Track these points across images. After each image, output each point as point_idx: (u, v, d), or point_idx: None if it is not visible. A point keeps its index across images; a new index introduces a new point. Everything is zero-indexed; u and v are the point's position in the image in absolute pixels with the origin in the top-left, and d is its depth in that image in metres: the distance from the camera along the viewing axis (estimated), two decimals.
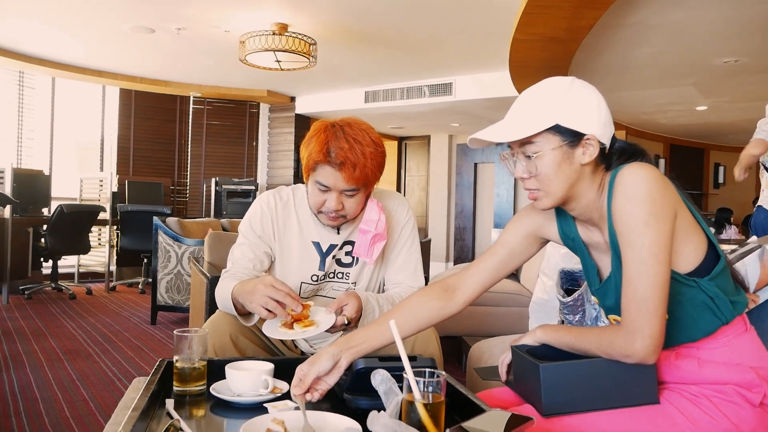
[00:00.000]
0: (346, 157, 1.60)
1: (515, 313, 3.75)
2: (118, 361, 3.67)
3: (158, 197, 7.51)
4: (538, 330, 1.33)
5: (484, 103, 7.36)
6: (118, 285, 7.00)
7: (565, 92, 1.20)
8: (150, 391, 1.24)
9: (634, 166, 1.15)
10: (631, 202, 1.12)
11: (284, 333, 1.51)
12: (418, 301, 1.44)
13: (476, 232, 10.21)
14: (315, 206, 1.71)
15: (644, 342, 1.10)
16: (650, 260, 1.10)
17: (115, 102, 7.82)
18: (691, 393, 1.18)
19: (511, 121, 1.23)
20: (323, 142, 1.62)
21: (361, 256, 1.76)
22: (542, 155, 1.19)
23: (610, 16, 4.16)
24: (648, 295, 1.10)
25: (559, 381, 1.19)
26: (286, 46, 5.09)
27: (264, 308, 1.48)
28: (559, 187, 1.21)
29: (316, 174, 1.66)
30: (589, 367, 1.19)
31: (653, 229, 1.10)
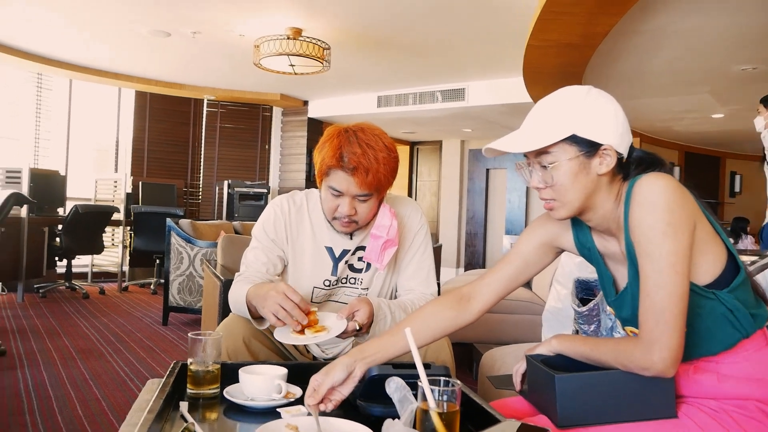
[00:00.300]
0: (359, 162, 1.60)
1: (527, 321, 3.73)
2: (130, 361, 3.69)
3: (171, 199, 7.56)
4: (553, 340, 1.32)
5: (497, 108, 7.34)
6: (130, 285, 7.05)
7: (581, 102, 1.19)
8: (165, 393, 1.24)
9: (651, 176, 1.14)
10: (649, 212, 1.10)
11: (295, 338, 1.51)
12: (433, 311, 1.43)
13: (487, 238, 10.17)
14: (328, 212, 1.71)
15: (662, 354, 1.09)
16: (668, 271, 1.08)
17: (131, 104, 7.88)
18: (711, 408, 1.16)
19: (527, 131, 1.23)
20: (336, 147, 1.63)
21: (372, 262, 1.75)
22: (558, 165, 1.18)
23: (626, 22, 4.13)
24: (666, 307, 1.09)
25: (575, 392, 1.17)
26: (300, 50, 5.12)
27: (274, 316, 1.48)
28: (576, 198, 1.20)
29: (329, 179, 1.66)
30: (605, 379, 1.18)
31: (671, 240, 1.09)
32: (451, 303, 1.43)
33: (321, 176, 1.70)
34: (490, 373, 2.28)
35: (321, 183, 1.71)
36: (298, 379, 1.49)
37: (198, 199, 8.40)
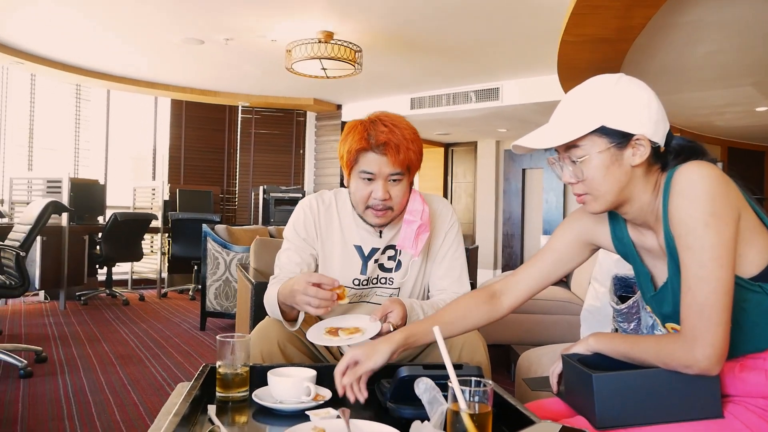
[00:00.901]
0: (388, 139, 1.60)
1: (565, 321, 3.65)
2: (167, 366, 3.73)
3: (208, 205, 7.65)
4: (590, 338, 1.26)
5: (532, 107, 7.23)
6: (169, 291, 7.15)
7: (610, 91, 1.14)
8: (192, 396, 1.23)
9: (692, 164, 1.08)
10: (690, 202, 1.05)
11: (329, 339, 1.49)
12: (467, 305, 1.42)
13: (524, 239, 10.03)
14: (361, 201, 1.67)
15: (706, 351, 1.03)
16: (711, 264, 1.03)
17: (167, 112, 8.03)
18: (759, 407, 1.10)
19: (555, 125, 1.18)
20: (362, 131, 1.62)
21: (406, 248, 1.72)
22: (588, 159, 1.14)
23: (663, 14, 4.02)
24: (710, 302, 1.03)
25: (614, 392, 1.12)
26: (331, 53, 5.12)
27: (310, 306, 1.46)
28: (609, 191, 1.15)
29: (359, 165, 1.65)
30: (646, 378, 1.13)
31: (714, 231, 1.03)
32: (482, 298, 1.42)
33: (350, 166, 1.67)
34: (527, 375, 2.22)
35: (350, 174, 1.69)
36: (327, 382, 1.46)
37: (234, 205, 8.49)
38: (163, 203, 6.88)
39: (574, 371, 1.23)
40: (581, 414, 1.21)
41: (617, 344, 1.20)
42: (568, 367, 1.27)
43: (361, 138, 1.62)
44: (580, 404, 1.23)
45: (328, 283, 1.47)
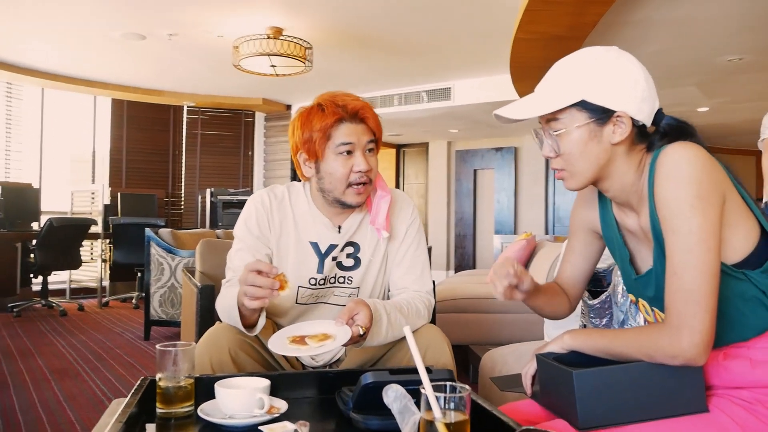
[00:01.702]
0: (362, 105, 1.56)
1: (523, 320, 3.61)
2: (108, 379, 3.50)
3: (152, 209, 7.35)
4: (565, 336, 1.19)
5: (484, 107, 7.22)
6: (111, 300, 6.81)
7: (596, 64, 1.08)
8: (127, 414, 1.08)
9: (677, 145, 1.03)
10: (675, 184, 0.99)
11: (296, 349, 1.35)
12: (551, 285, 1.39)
13: (476, 239, 10.06)
14: (343, 178, 1.56)
15: (693, 339, 0.97)
16: (698, 248, 0.97)
17: (107, 112, 7.67)
18: (743, 399, 1.04)
19: (538, 95, 1.13)
20: (330, 106, 1.55)
21: (381, 227, 1.64)
22: (567, 133, 1.09)
23: (614, 12, 4.03)
24: (696, 287, 0.97)
25: (595, 389, 1.05)
26: (281, 50, 4.96)
27: (250, 299, 1.33)
28: (586, 168, 1.10)
29: (334, 139, 1.55)
30: (628, 373, 1.06)
31: (701, 213, 0.97)
32: (558, 289, 1.39)
33: (323, 145, 1.55)
34: (491, 375, 2.13)
35: (323, 155, 1.57)
36: (282, 392, 1.33)
37: (180, 209, 8.20)
38: (103, 208, 6.57)
39: (551, 370, 1.16)
40: (560, 416, 1.13)
41: (595, 340, 1.13)
42: (544, 366, 1.18)
43: (332, 111, 1.53)
44: (558, 405, 1.15)
45: (266, 270, 1.33)
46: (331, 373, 1.43)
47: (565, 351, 1.18)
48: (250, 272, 1.33)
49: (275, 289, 1.33)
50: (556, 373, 1.13)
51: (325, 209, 1.66)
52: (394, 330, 1.53)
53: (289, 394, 1.34)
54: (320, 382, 1.39)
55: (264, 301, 1.33)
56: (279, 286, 1.34)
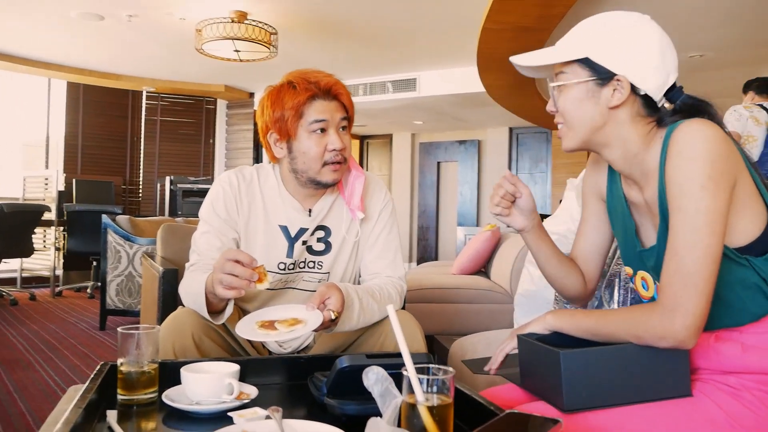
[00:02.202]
0: (334, 82, 1.50)
1: (487, 310, 3.61)
2: (61, 369, 3.37)
3: (109, 197, 7.12)
4: (548, 316, 1.17)
5: (449, 99, 7.23)
6: (64, 290, 6.58)
7: (609, 25, 1.09)
8: (86, 400, 1.01)
9: (693, 122, 1.00)
10: (688, 162, 0.97)
11: (265, 334, 1.30)
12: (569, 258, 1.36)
13: (439, 231, 10.09)
14: (318, 157, 1.51)
15: (685, 321, 0.95)
16: (704, 230, 0.95)
17: (62, 96, 7.39)
18: (730, 385, 1.02)
19: (553, 47, 1.13)
20: (302, 83, 1.49)
21: (354, 205, 1.60)
22: (566, 88, 1.10)
23: (581, 5, 4.05)
24: (696, 269, 0.95)
25: (582, 371, 1.02)
26: (245, 34, 4.85)
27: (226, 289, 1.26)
28: (580, 126, 1.10)
29: (307, 116, 1.49)
30: (616, 355, 1.04)
31: (711, 195, 0.95)
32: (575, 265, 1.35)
33: (295, 123, 1.50)
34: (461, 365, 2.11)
35: (295, 135, 1.51)
36: (251, 377, 1.28)
37: (138, 197, 7.98)
38: (57, 194, 6.33)
39: (534, 351, 1.13)
40: (542, 398, 1.11)
41: (579, 320, 1.11)
42: (527, 346, 1.16)
43: (305, 88, 1.48)
44: (541, 387, 1.12)
45: (246, 261, 1.28)
46: (302, 358, 1.38)
47: (548, 332, 1.16)
48: (228, 260, 1.27)
49: (253, 281, 1.27)
50: (540, 353, 1.10)
51: (296, 192, 1.60)
52: (366, 315, 1.49)
53: (258, 380, 1.28)
54: (291, 368, 1.35)
55: (240, 292, 1.27)
56: (257, 278, 1.28)
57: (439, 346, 3.37)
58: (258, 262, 1.30)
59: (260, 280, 1.29)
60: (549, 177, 9.13)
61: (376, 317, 1.53)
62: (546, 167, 9.21)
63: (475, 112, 8.14)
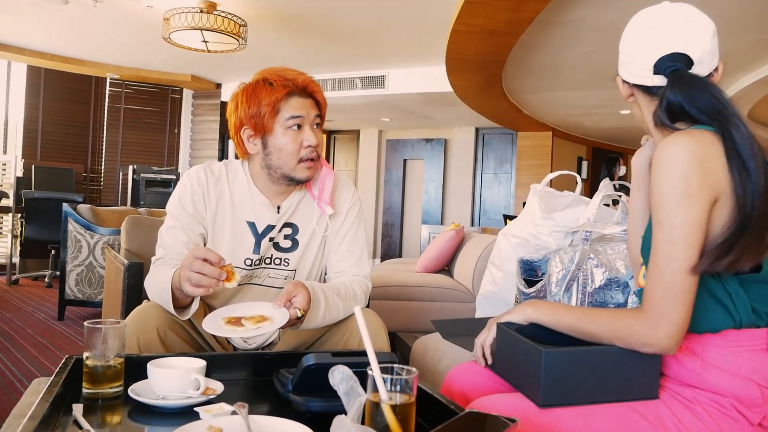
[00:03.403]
0: (309, 80, 1.55)
1: (449, 308, 3.66)
2: (18, 360, 3.31)
3: (69, 184, 6.97)
4: (528, 308, 1.20)
5: (417, 97, 7.28)
6: (21, 278, 6.43)
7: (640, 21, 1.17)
8: (53, 394, 1.02)
9: (679, 135, 1.03)
10: (665, 177, 1.01)
11: (231, 330, 1.32)
12: None
13: (404, 228, 10.15)
14: (294, 153, 1.54)
15: (669, 330, 1.00)
16: (680, 243, 0.99)
17: (22, 80, 7.20)
18: (685, 396, 1.08)
19: None
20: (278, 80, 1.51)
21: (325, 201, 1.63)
22: None
23: (550, 12, 4.13)
24: (675, 280, 1.00)
25: (562, 369, 1.06)
26: (214, 25, 4.80)
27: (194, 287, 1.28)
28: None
29: (283, 113, 1.52)
30: (597, 356, 1.08)
31: (685, 210, 1.00)
32: None
33: (271, 119, 1.52)
34: (423, 361, 2.15)
35: (271, 131, 1.54)
36: (217, 373, 1.30)
37: (99, 186, 7.83)
38: (15, 180, 6.17)
39: (515, 343, 1.16)
40: (517, 387, 1.14)
41: (561, 315, 1.15)
42: (506, 337, 1.19)
43: (282, 85, 1.51)
44: (517, 377, 1.15)
45: (214, 260, 1.30)
46: (267, 355, 1.40)
47: (526, 323, 1.20)
48: (197, 259, 1.29)
49: (222, 279, 1.29)
50: (520, 346, 1.13)
51: (265, 188, 1.62)
52: (332, 313, 1.52)
53: (223, 375, 1.30)
54: (256, 364, 1.37)
55: (208, 290, 1.29)
56: (226, 277, 1.30)
57: (402, 343, 3.41)
58: (226, 261, 1.32)
59: (228, 279, 1.31)
60: (513, 178, 9.28)
61: (342, 315, 1.56)
62: (510, 168, 9.35)
63: (443, 111, 8.21)
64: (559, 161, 9.21)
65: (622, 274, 1.63)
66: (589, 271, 1.65)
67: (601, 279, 1.62)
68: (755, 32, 4.61)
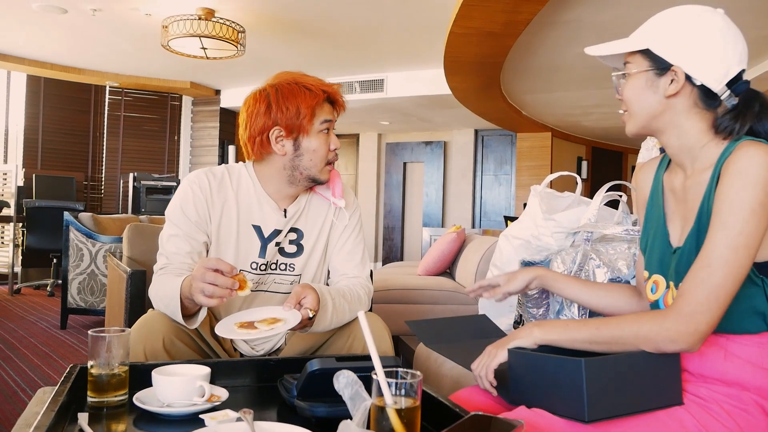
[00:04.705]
0: (338, 89, 1.64)
1: (451, 311, 3.66)
2: (21, 369, 3.31)
3: (70, 193, 6.98)
4: (534, 330, 1.16)
5: (416, 100, 7.29)
6: (23, 287, 6.44)
7: (672, 17, 1.14)
8: (58, 403, 1.02)
9: (757, 145, 1.04)
10: (746, 184, 1.01)
11: (246, 333, 1.32)
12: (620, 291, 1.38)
13: (405, 231, 10.15)
14: (324, 156, 1.62)
15: (699, 328, 1.01)
16: (742, 251, 1.00)
17: (22, 89, 7.21)
18: (701, 397, 1.07)
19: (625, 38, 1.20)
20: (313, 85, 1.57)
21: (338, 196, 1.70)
22: (629, 77, 1.17)
23: (547, 12, 4.14)
24: (725, 285, 1.00)
25: (602, 380, 1.02)
26: (212, 32, 4.81)
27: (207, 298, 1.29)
28: (640, 113, 1.16)
29: (319, 116, 1.58)
30: (628, 363, 1.06)
31: (757, 220, 1.01)
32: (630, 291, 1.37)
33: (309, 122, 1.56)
34: (426, 365, 2.15)
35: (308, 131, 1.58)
36: (222, 380, 1.30)
37: (100, 194, 7.84)
38: (16, 189, 6.18)
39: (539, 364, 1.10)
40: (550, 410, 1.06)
41: (574, 331, 1.13)
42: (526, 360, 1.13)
43: (322, 91, 1.58)
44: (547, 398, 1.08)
45: (226, 270, 1.30)
46: (272, 360, 1.40)
47: (535, 346, 1.15)
48: (209, 270, 1.29)
49: (234, 289, 1.30)
50: (549, 364, 1.08)
51: (276, 191, 1.62)
52: (339, 316, 1.52)
53: (228, 382, 1.30)
54: (261, 370, 1.37)
55: (222, 300, 1.30)
56: (239, 286, 1.31)
57: (405, 347, 3.41)
58: (237, 270, 1.33)
59: (241, 288, 1.32)
60: (513, 179, 9.28)
61: (348, 318, 1.57)
62: (510, 169, 9.36)
63: (442, 113, 8.22)
64: (559, 161, 9.22)
65: (624, 274, 1.63)
66: (591, 271, 1.65)
67: (603, 279, 1.62)
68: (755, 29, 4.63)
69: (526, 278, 1.42)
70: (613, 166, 11.11)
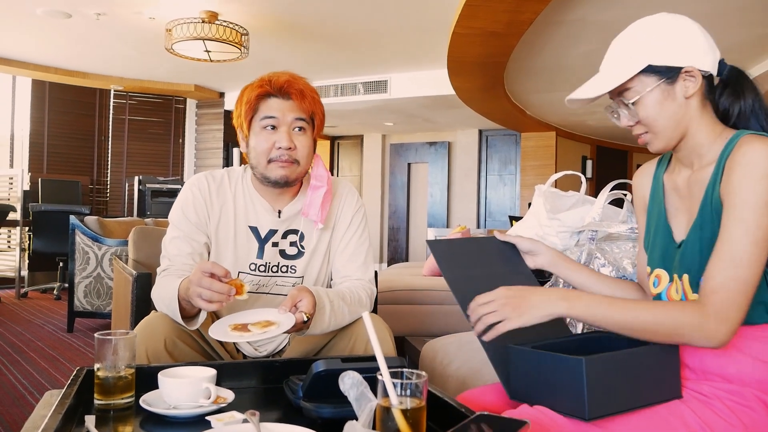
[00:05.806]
0: (290, 84, 1.54)
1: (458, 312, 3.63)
2: (29, 373, 3.32)
3: (75, 196, 7.01)
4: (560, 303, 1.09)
5: (420, 101, 7.29)
6: (30, 291, 6.47)
7: (651, 29, 1.14)
8: (65, 406, 1.02)
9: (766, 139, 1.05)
10: (760, 178, 1.02)
11: (239, 336, 1.33)
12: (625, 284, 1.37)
13: (410, 232, 10.14)
14: (264, 153, 1.55)
15: (732, 327, 1.02)
16: (763, 245, 1.01)
17: (27, 94, 7.25)
18: (703, 394, 1.07)
19: (603, 73, 1.17)
20: (261, 80, 1.55)
21: (312, 217, 1.62)
22: (641, 99, 1.13)
23: (550, 11, 4.13)
24: (752, 280, 1.02)
25: (603, 377, 1.03)
26: (216, 35, 4.83)
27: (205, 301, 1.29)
28: (667, 126, 1.14)
29: (259, 113, 1.55)
30: (629, 359, 1.06)
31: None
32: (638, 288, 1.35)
33: (249, 118, 1.56)
34: (432, 365, 2.15)
35: (250, 129, 1.57)
36: (227, 381, 1.30)
37: (106, 197, 7.87)
38: (22, 194, 6.21)
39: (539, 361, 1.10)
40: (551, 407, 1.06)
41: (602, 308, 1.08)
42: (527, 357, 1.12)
43: (260, 84, 1.54)
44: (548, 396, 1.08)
45: (221, 274, 1.31)
46: (277, 362, 1.41)
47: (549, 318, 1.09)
48: (204, 275, 1.30)
49: (231, 294, 1.30)
50: (549, 362, 1.07)
51: (264, 192, 1.64)
52: (337, 319, 1.52)
53: (233, 383, 1.31)
54: (266, 372, 1.37)
55: (220, 305, 1.31)
56: (236, 291, 1.32)
57: (411, 347, 3.41)
58: (232, 275, 1.33)
59: (239, 293, 1.33)
60: (518, 179, 9.27)
61: (347, 320, 1.56)
62: (515, 169, 9.34)
63: (445, 114, 8.22)
64: (563, 161, 9.20)
65: (630, 273, 1.63)
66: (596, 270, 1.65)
67: None
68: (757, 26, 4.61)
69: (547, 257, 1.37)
70: (618, 165, 11.08)
